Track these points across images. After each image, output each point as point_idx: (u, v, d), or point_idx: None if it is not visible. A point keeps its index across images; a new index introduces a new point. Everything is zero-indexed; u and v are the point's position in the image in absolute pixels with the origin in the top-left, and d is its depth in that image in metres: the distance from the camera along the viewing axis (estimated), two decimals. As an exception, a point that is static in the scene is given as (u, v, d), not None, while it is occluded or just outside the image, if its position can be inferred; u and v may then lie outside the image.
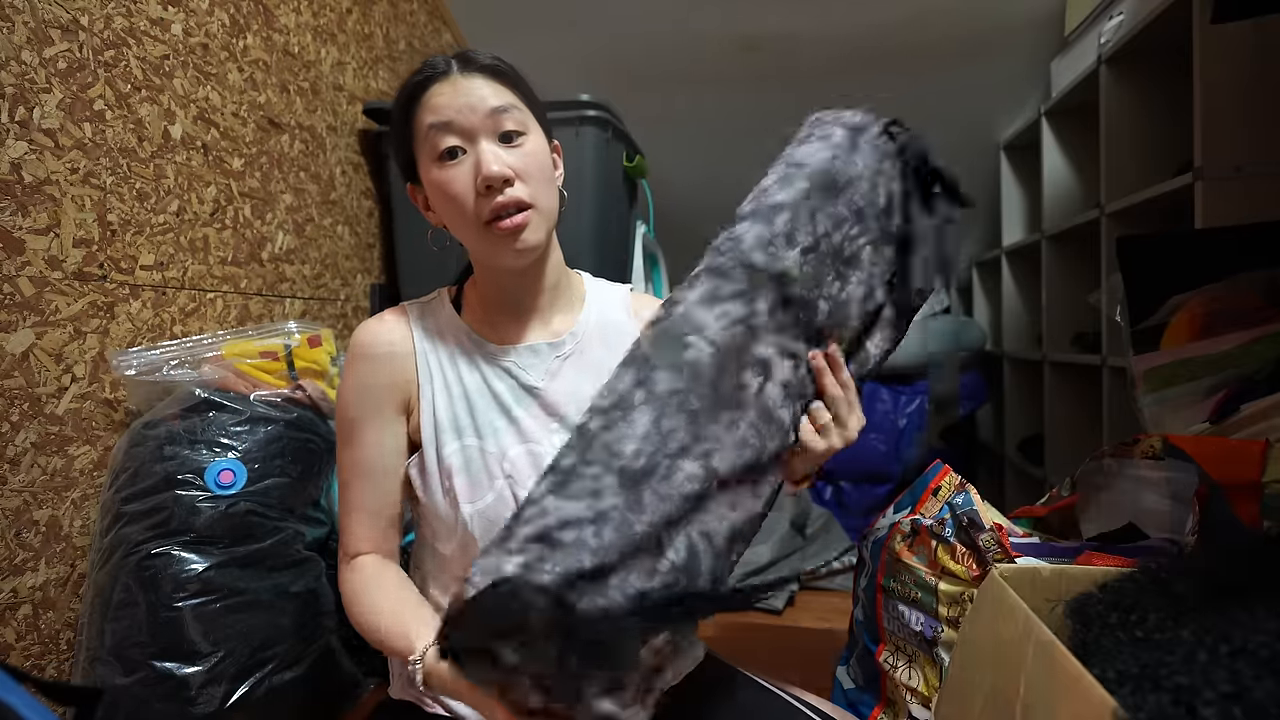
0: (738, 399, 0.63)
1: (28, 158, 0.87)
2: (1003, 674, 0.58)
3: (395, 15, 1.79)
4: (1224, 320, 1.10)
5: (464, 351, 0.80)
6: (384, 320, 0.81)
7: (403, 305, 0.83)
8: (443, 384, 0.78)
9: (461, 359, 0.79)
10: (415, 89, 0.75)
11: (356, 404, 0.77)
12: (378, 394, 0.77)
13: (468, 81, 0.74)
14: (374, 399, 0.77)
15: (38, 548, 0.89)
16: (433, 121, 0.73)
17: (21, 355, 0.86)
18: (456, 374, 0.79)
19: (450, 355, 0.79)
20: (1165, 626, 0.53)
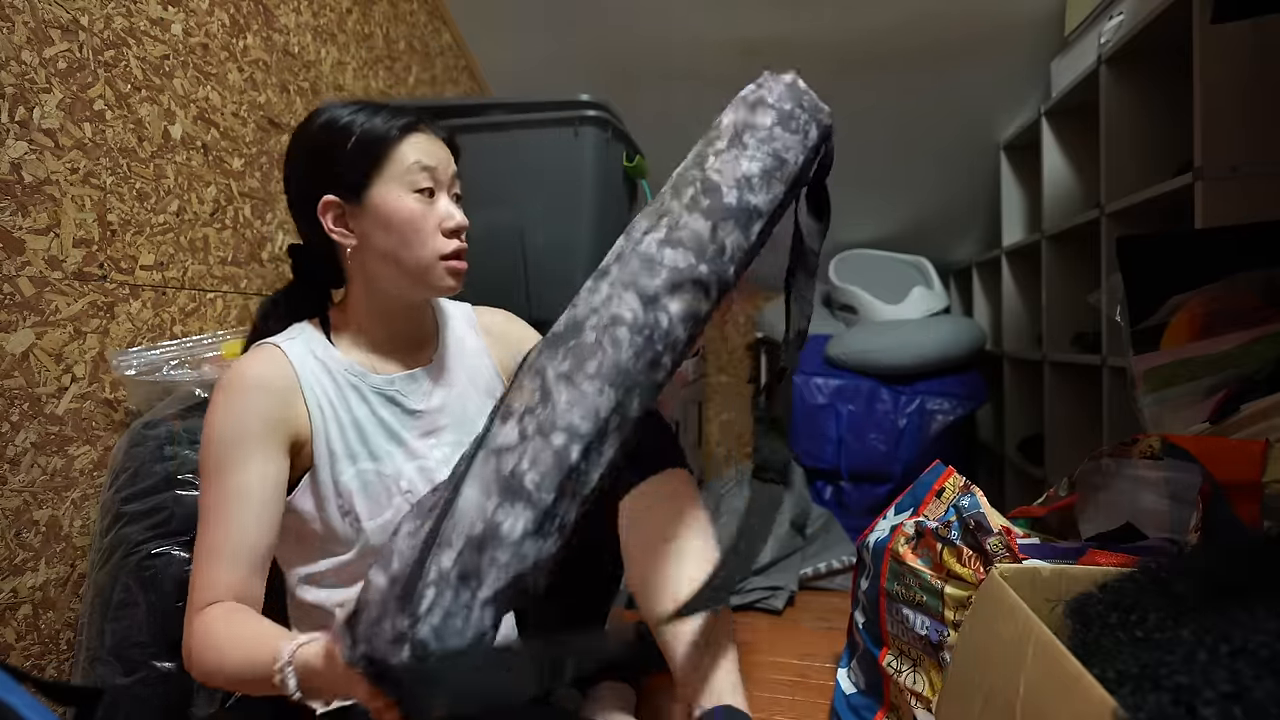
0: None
1: (28, 158, 0.87)
2: (1003, 674, 0.58)
3: (395, 15, 1.79)
4: (1224, 320, 1.10)
5: (349, 385, 0.84)
6: (263, 356, 0.80)
7: (271, 344, 0.82)
8: (333, 415, 0.81)
9: (348, 391, 0.84)
10: (401, 126, 0.82)
11: (240, 434, 0.74)
12: (266, 425, 0.75)
13: (439, 144, 0.86)
14: (261, 430, 0.75)
15: (38, 548, 0.89)
16: (424, 161, 0.83)
17: (21, 355, 0.86)
18: (345, 405, 0.83)
19: (336, 388, 0.83)
20: (1165, 626, 0.53)
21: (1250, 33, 1.26)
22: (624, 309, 0.65)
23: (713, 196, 0.70)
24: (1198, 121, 1.28)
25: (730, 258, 0.70)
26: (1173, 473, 0.93)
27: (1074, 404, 1.99)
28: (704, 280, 0.68)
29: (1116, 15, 1.65)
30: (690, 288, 0.67)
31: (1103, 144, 1.66)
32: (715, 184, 0.71)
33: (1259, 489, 0.85)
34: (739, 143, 0.74)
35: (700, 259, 0.68)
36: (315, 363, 0.82)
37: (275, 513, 0.76)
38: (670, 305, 0.66)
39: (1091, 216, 1.70)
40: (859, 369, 2.45)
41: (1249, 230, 1.15)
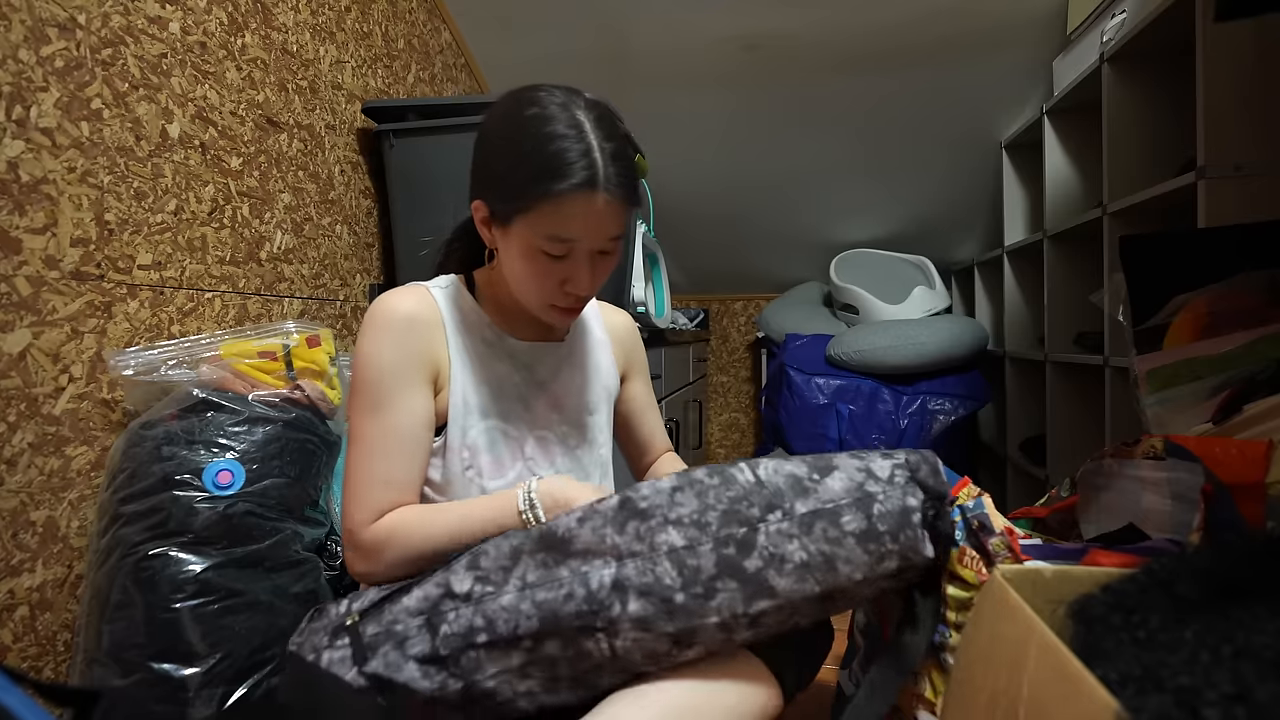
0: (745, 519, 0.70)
1: (25, 157, 0.86)
2: (1005, 676, 0.57)
3: (394, 14, 1.79)
4: (1227, 320, 1.10)
5: (487, 342, 0.87)
6: (414, 294, 0.83)
7: (422, 286, 0.86)
8: (470, 367, 0.84)
9: (485, 348, 0.86)
10: (560, 191, 0.73)
11: (392, 370, 0.78)
12: (415, 361, 0.80)
13: (610, 206, 0.76)
14: (411, 366, 0.79)
15: (35, 549, 0.89)
16: (559, 234, 0.76)
17: (18, 355, 0.86)
18: (481, 361, 0.85)
19: (475, 343, 0.86)
20: (1168, 627, 0.53)
21: (1252, 32, 1.25)
22: (595, 574, 0.68)
23: (740, 551, 0.68)
24: (1200, 120, 1.28)
25: (712, 608, 0.67)
26: (1175, 473, 0.93)
27: (1076, 404, 1.99)
28: (675, 606, 0.67)
29: (1119, 14, 1.65)
30: (658, 602, 0.66)
31: (1105, 143, 1.66)
32: (749, 541, 0.69)
33: (1262, 489, 0.85)
34: (808, 525, 0.70)
35: (684, 588, 0.67)
36: (459, 313, 0.86)
37: (427, 447, 0.81)
38: (630, 601, 0.66)
39: (1094, 216, 1.70)
40: (860, 369, 2.45)
41: (1252, 229, 1.15)
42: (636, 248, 1.80)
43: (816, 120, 2.40)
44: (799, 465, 0.74)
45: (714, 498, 0.70)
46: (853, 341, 2.46)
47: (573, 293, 0.81)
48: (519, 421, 0.87)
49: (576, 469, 0.93)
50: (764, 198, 2.80)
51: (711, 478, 0.72)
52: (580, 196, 0.74)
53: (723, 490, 0.71)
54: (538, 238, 0.77)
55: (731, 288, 3.45)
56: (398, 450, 0.78)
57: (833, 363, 2.51)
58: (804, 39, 2.07)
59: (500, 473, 0.84)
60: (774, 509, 0.70)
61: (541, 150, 0.74)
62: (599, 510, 0.70)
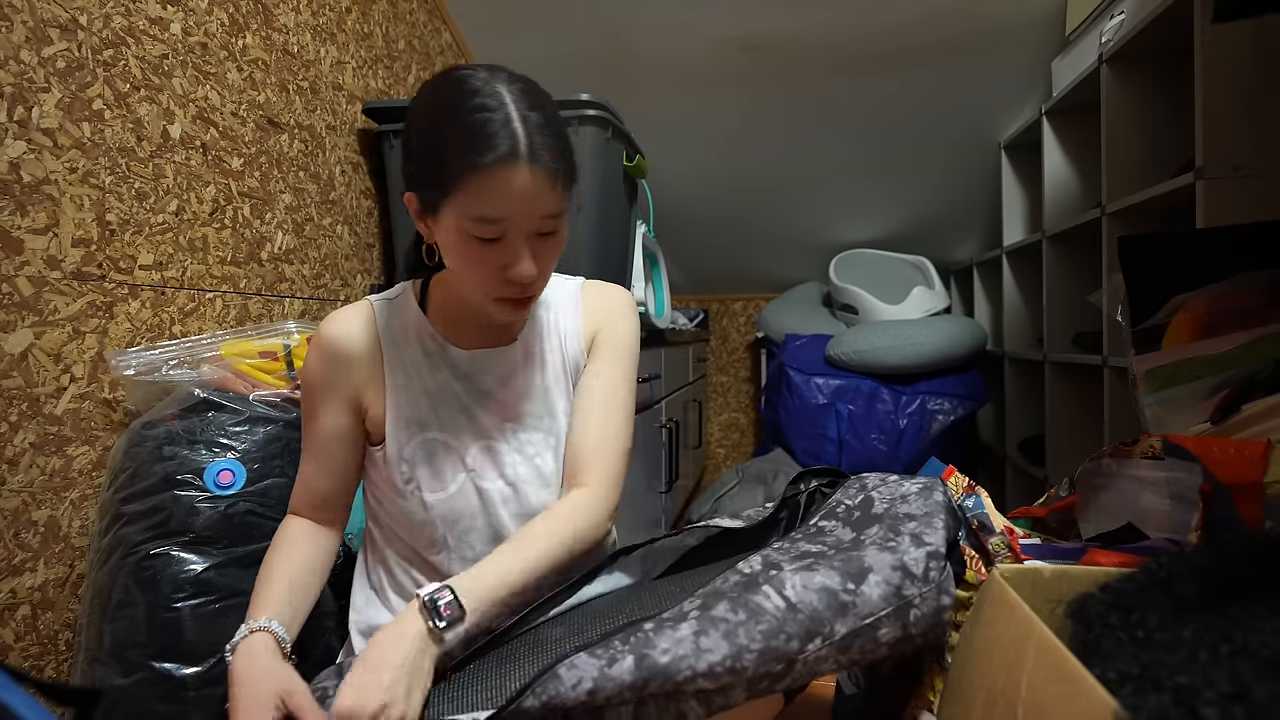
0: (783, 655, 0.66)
1: (26, 157, 0.86)
2: (1004, 675, 0.57)
3: (395, 15, 1.79)
4: (1225, 320, 1.10)
5: (427, 352, 0.85)
6: (352, 316, 0.84)
7: (369, 301, 0.87)
8: (405, 380, 0.83)
9: (424, 359, 0.84)
10: (480, 166, 0.69)
11: (316, 387, 0.83)
12: (334, 386, 0.82)
13: (537, 178, 0.70)
14: (330, 389, 0.82)
15: (36, 548, 0.89)
16: (486, 214, 0.70)
17: (20, 355, 0.86)
18: (419, 372, 0.84)
19: (414, 354, 0.84)
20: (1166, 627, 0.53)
21: (1251, 32, 1.26)
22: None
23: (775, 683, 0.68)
24: (1199, 121, 1.28)
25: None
26: (1174, 473, 0.93)
27: (1075, 404, 1.99)
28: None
29: (1117, 15, 1.65)
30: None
31: (1104, 143, 1.66)
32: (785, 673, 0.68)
33: (1260, 489, 0.85)
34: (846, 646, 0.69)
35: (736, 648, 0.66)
36: (401, 325, 0.85)
37: (342, 460, 0.84)
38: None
39: (1092, 216, 1.70)
40: (860, 369, 2.45)
41: (1250, 230, 1.15)
42: (637, 248, 1.80)
43: (817, 121, 2.40)
44: (830, 575, 0.69)
45: (745, 637, 0.64)
46: (852, 341, 2.46)
47: (514, 279, 0.73)
48: (461, 432, 0.83)
49: (533, 479, 0.85)
50: (764, 198, 2.80)
51: (736, 612, 0.66)
52: (503, 170, 0.68)
53: (753, 626, 0.65)
54: (466, 221, 0.71)
55: (731, 288, 3.45)
56: (315, 458, 0.84)
57: (832, 363, 2.51)
58: (804, 40, 2.08)
59: (441, 485, 0.82)
60: (814, 636, 0.66)
61: (460, 125, 0.69)
62: (613, 678, 0.63)
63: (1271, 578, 0.56)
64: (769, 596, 0.67)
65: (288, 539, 0.84)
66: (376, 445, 0.84)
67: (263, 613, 0.75)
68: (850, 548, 0.74)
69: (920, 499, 0.81)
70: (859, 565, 0.71)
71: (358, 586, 0.89)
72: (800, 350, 2.60)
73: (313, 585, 0.83)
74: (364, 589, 0.89)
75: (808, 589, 0.68)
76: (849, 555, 0.72)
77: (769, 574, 0.71)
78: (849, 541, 0.76)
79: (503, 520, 0.84)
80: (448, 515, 0.82)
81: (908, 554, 0.72)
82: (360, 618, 0.86)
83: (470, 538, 0.84)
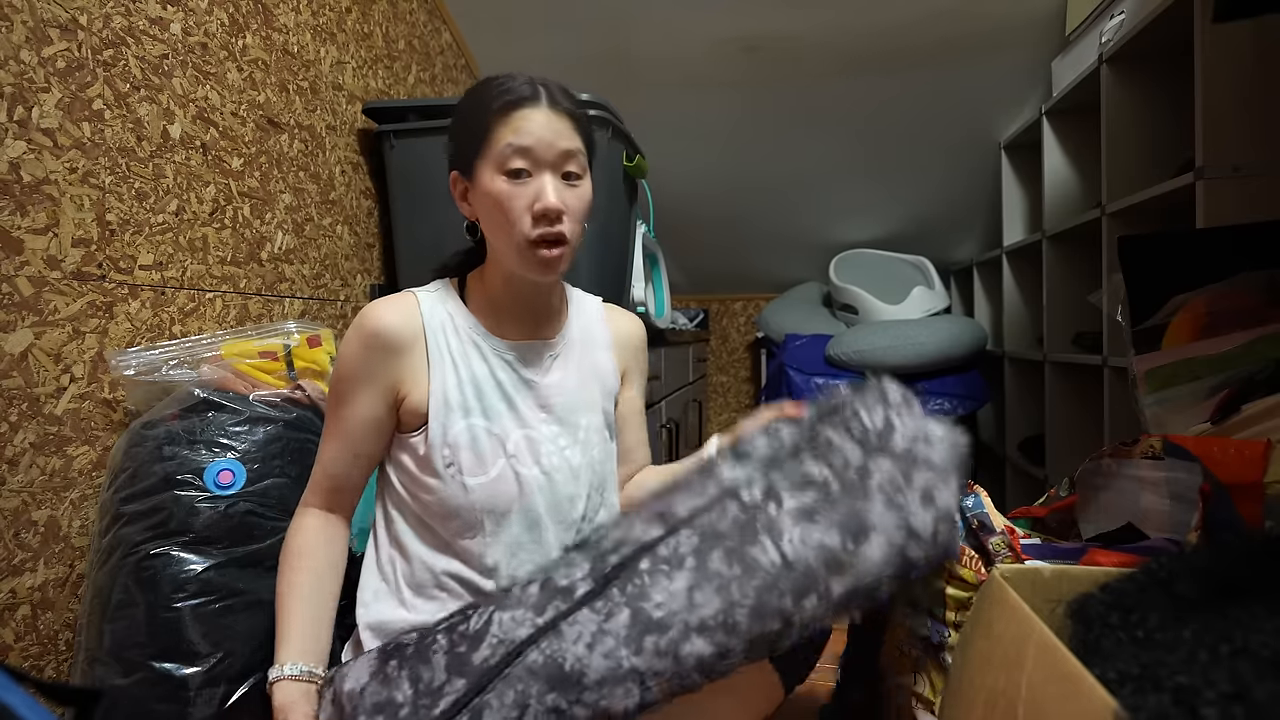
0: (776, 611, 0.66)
1: (26, 157, 0.86)
2: (1004, 675, 0.57)
3: (395, 14, 1.79)
4: (1225, 320, 1.10)
5: (472, 342, 0.88)
6: (396, 304, 0.86)
7: (411, 292, 0.89)
8: (452, 368, 0.85)
9: (470, 348, 0.87)
10: (504, 104, 0.80)
11: (352, 372, 0.84)
12: (374, 374, 0.83)
13: (551, 117, 0.81)
14: (369, 377, 0.83)
15: (36, 548, 0.89)
16: (513, 143, 0.79)
17: (20, 355, 0.86)
18: (465, 361, 0.86)
19: (460, 343, 0.87)
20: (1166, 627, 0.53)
21: (1251, 32, 1.26)
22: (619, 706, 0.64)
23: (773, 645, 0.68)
24: (1199, 121, 1.28)
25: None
26: (1174, 473, 0.93)
27: (1075, 404, 1.99)
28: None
29: (1117, 15, 1.65)
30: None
31: (1104, 144, 1.66)
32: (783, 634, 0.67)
33: (1260, 489, 0.85)
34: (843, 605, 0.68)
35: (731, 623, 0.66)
36: (444, 315, 0.87)
37: (368, 445, 0.85)
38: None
39: (1092, 216, 1.70)
40: (860, 369, 2.45)
41: (1250, 230, 1.15)
42: (637, 248, 1.80)
43: (816, 121, 2.40)
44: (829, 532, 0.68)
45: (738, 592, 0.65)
46: (852, 341, 2.46)
47: (543, 210, 0.80)
48: (503, 419, 0.86)
49: (564, 470, 0.89)
50: (764, 198, 2.80)
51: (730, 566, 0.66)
52: (526, 107, 0.80)
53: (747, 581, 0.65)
54: (497, 160, 0.80)
55: (731, 288, 3.45)
56: (342, 440, 0.85)
57: (832, 363, 2.51)
58: (804, 40, 2.08)
59: (482, 470, 0.84)
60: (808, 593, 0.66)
61: (489, 93, 0.82)
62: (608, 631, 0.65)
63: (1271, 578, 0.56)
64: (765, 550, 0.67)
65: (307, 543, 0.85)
66: (412, 432, 0.85)
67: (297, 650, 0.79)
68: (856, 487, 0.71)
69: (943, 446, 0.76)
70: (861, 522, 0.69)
71: (366, 583, 0.89)
72: (800, 350, 2.60)
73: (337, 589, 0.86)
74: (374, 584, 0.88)
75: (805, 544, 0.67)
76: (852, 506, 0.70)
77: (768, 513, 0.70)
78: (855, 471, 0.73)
79: (537, 507, 0.86)
80: (487, 500, 0.83)
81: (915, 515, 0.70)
82: (368, 613, 0.86)
83: (507, 521, 0.85)
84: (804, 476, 0.72)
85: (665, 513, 0.74)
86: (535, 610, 0.70)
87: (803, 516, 0.69)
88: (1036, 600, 0.61)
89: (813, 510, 0.70)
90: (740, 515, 0.71)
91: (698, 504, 0.73)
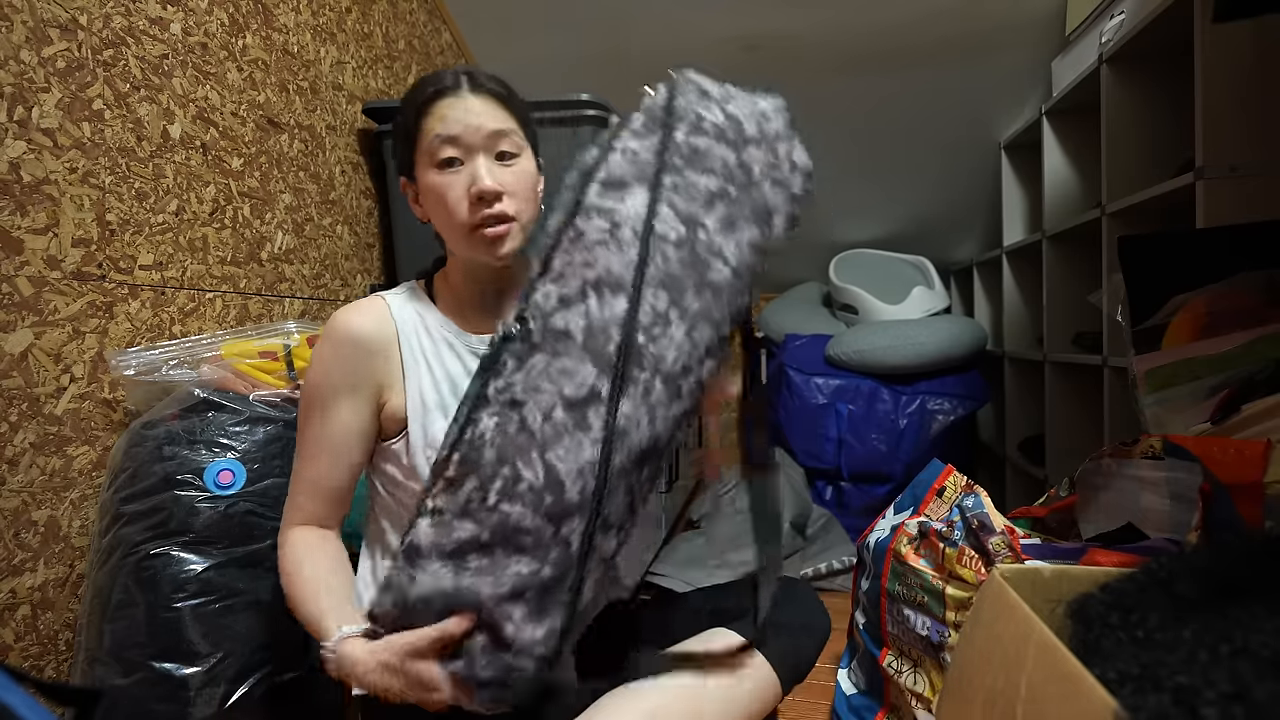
0: (743, 307, 0.75)
1: (26, 157, 0.86)
2: (1003, 675, 0.57)
3: (395, 15, 1.79)
4: (1225, 320, 1.10)
5: (444, 341, 0.86)
6: (365, 309, 0.84)
7: (379, 295, 0.88)
8: (427, 369, 0.84)
9: (443, 347, 0.86)
10: (427, 98, 0.81)
11: (332, 382, 0.81)
12: (356, 377, 0.81)
13: (475, 101, 0.81)
14: (351, 380, 0.81)
15: (36, 548, 0.89)
16: (440, 133, 0.80)
17: (20, 355, 0.86)
18: (440, 360, 0.85)
19: (433, 343, 0.85)
20: (1166, 626, 0.53)
21: (1251, 33, 1.26)
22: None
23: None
24: (1199, 121, 1.28)
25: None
26: (1174, 473, 0.93)
27: (1075, 404, 1.99)
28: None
29: (1117, 15, 1.65)
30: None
31: (1104, 144, 1.66)
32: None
33: (1260, 489, 0.85)
34: (731, 200, 0.74)
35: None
36: (414, 317, 0.86)
37: (355, 458, 0.83)
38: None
39: (1092, 216, 1.70)
40: (859, 369, 2.45)
41: (1250, 230, 1.15)
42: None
43: (816, 121, 2.39)
44: (749, 228, 0.76)
45: (718, 312, 0.73)
46: (852, 341, 2.46)
47: (480, 194, 0.79)
48: None
49: None
50: (763, 198, 2.79)
51: (703, 296, 0.72)
52: (449, 96, 0.81)
53: (719, 301, 0.73)
54: (429, 154, 0.81)
55: (731, 288, 3.45)
56: (325, 455, 0.82)
57: (832, 363, 2.51)
58: (804, 40, 2.08)
59: None
60: (751, 284, 0.75)
61: (416, 90, 0.83)
62: (655, 404, 0.69)
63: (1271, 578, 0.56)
64: (720, 270, 0.72)
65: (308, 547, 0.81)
66: (393, 439, 0.84)
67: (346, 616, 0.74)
68: (746, 182, 0.76)
69: (776, 112, 0.82)
70: (764, 208, 0.76)
71: (363, 585, 0.88)
72: (800, 350, 2.60)
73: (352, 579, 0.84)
74: (371, 587, 0.88)
75: (741, 249, 0.73)
76: (751, 196, 0.76)
77: (701, 239, 0.73)
78: (738, 168, 0.77)
79: None
80: None
81: (793, 184, 0.78)
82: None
83: None
84: (703, 192, 0.75)
85: (604, 280, 0.71)
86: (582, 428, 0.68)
87: (726, 227, 0.74)
88: (1036, 600, 0.61)
89: (730, 219, 0.75)
90: (679, 253, 0.73)
91: (632, 257, 0.71)
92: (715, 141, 0.77)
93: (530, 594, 0.65)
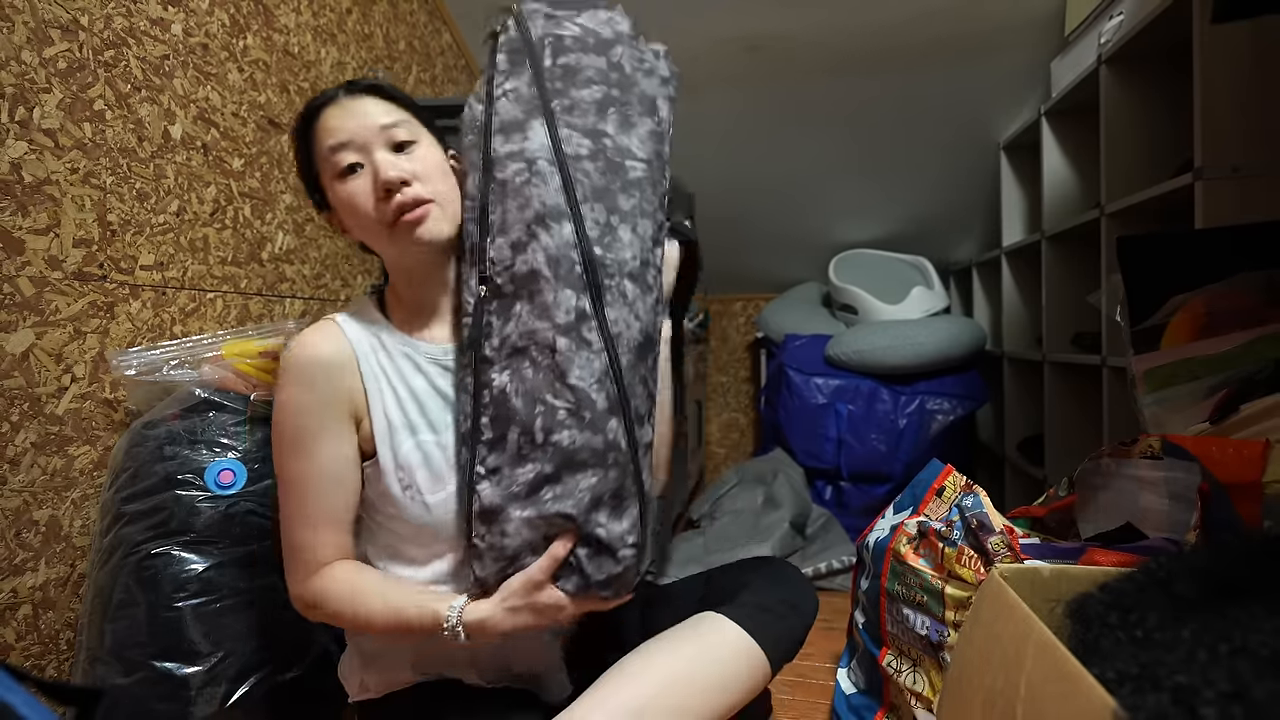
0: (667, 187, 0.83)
1: (28, 158, 0.87)
2: (1003, 675, 0.58)
3: (395, 15, 1.79)
4: (1224, 320, 1.10)
5: (404, 355, 0.83)
6: (320, 332, 0.81)
7: (330, 318, 0.84)
8: (389, 386, 0.81)
9: (403, 362, 0.82)
10: (309, 117, 0.82)
11: (307, 417, 0.77)
12: (330, 405, 0.78)
13: (356, 103, 0.81)
14: (326, 410, 0.78)
15: (38, 548, 0.89)
16: (331, 143, 0.79)
17: (21, 355, 0.86)
18: (401, 376, 0.82)
19: (391, 359, 0.82)
20: (1165, 626, 0.53)
21: (1250, 33, 1.26)
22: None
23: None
24: (1198, 121, 1.28)
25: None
26: (1173, 472, 0.93)
27: (1074, 404, 1.99)
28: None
29: (1116, 15, 1.65)
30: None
31: (1103, 144, 1.66)
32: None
33: (1259, 489, 0.85)
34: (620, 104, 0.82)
35: None
36: (369, 336, 0.83)
37: (355, 482, 0.81)
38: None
39: (1091, 216, 1.70)
40: (859, 369, 2.45)
41: (1249, 230, 1.15)
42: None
43: (816, 121, 2.40)
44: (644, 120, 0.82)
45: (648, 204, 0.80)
46: (851, 341, 2.46)
47: (384, 184, 0.77)
48: (449, 430, 0.81)
49: None
50: (764, 198, 2.80)
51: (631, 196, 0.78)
52: (330, 108, 0.81)
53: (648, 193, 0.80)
54: (329, 168, 0.80)
55: (731, 288, 3.45)
56: (327, 490, 0.78)
57: (832, 363, 2.51)
58: (805, 40, 2.08)
59: (439, 486, 0.79)
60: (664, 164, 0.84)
61: (301, 116, 0.83)
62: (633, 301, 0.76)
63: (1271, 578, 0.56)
64: (634, 169, 0.79)
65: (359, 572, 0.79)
66: (365, 461, 0.81)
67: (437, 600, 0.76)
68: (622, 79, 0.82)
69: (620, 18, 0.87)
70: (647, 97, 0.82)
71: None
72: (800, 350, 2.60)
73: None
74: None
75: (644, 141, 0.80)
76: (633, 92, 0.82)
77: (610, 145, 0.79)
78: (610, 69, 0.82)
79: None
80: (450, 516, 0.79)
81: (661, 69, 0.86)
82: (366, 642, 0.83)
83: None
84: (592, 104, 0.80)
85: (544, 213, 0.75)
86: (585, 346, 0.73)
87: (624, 127, 0.79)
88: (1036, 600, 0.61)
89: (624, 118, 0.80)
90: (595, 164, 0.77)
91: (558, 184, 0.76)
92: (582, 54, 0.82)
93: (606, 497, 0.72)
